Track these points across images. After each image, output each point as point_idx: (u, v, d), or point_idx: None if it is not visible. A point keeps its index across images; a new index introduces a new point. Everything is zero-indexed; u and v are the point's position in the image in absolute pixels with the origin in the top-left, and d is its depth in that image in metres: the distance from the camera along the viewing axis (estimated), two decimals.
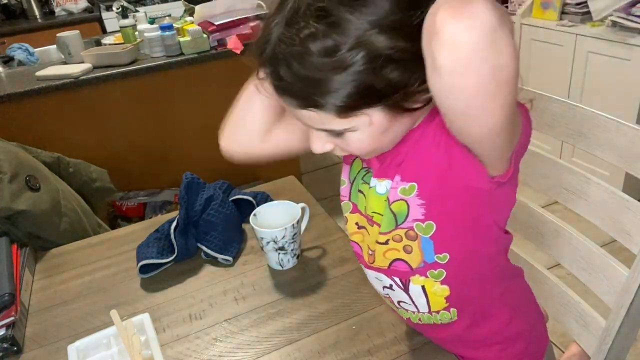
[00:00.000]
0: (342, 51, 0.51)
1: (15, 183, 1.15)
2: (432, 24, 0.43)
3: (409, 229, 0.66)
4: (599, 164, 2.05)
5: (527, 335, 0.79)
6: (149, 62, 1.93)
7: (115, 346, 0.81)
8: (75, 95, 1.89)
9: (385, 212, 0.67)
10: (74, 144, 1.93)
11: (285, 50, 0.54)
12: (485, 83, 0.45)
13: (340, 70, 0.52)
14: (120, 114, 2.00)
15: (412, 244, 0.67)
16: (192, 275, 1.00)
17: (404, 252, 0.68)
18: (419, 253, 0.67)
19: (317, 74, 0.53)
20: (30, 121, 1.88)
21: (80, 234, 1.28)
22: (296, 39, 0.53)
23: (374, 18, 0.51)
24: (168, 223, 1.04)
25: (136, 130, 2.03)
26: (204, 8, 2.03)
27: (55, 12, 3.34)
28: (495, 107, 0.48)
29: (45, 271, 1.07)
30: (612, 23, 2.05)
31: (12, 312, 0.88)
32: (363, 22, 0.51)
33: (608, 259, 0.80)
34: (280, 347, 0.81)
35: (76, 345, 0.80)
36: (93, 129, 1.98)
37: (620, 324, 0.79)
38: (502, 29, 0.42)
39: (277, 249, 0.94)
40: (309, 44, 0.52)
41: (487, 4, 0.42)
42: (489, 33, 0.42)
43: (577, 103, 0.81)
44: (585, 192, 0.82)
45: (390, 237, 0.68)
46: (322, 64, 0.52)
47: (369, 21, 0.51)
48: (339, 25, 0.51)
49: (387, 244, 0.69)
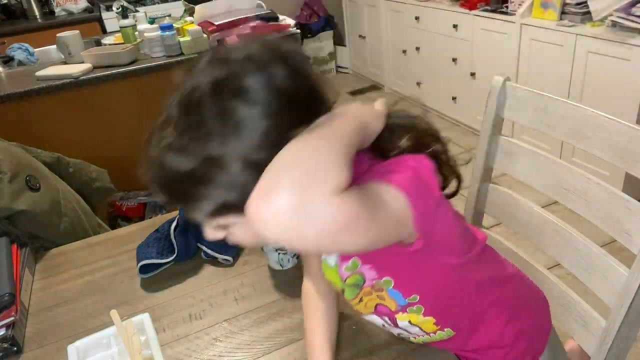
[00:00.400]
0: (199, 167, 0.51)
1: (15, 183, 1.15)
2: (247, 213, 0.46)
3: (372, 287, 0.69)
4: (599, 164, 2.05)
5: (528, 333, 0.79)
6: (149, 62, 1.93)
7: (115, 346, 0.81)
8: (75, 95, 1.89)
9: (345, 287, 0.71)
10: (74, 144, 1.93)
11: (151, 154, 0.54)
12: (317, 240, 0.46)
13: (198, 184, 0.52)
14: (120, 114, 2.00)
15: (381, 294, 0.70)
16: (192, 275, 1.00)
17: (378, 299, 0.71)
18: (391, 300, 0.70)
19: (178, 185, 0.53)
20: (30, 121, 1.87)
21: (80, 234, 1.28)
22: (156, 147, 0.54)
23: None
24: (168, 223, 1.04)
25: (136, 130, 2.00)
26: (204, 8, 2.03)
27: (55, 12, 3.34)
28: (345, 244, 0.49)
29: (45, 271, 1.07)
30: (612, 23, 2.05)
31: (12, 312, 0.88)
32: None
33: (608, 259, 0.80)
34: (280, 347, 0.81)
35: (76, 345, 0.80)
36: (93, 129, 1.98)
37: (620, 324, 0.79)
38: (309, 201, 0.44)
39: (277, 248, 0.94)
40: (166, 154, 0.52)
41: (286, 188, 0.44)
42: (292, 213, 0.43)
43: (577, 103, 0.81)
44: (585, 192, 0.82)
45: (360, 296, 0.72)
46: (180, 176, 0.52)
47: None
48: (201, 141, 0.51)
49: (362, 300, 0.72)
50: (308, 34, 4.24)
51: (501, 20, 2.54)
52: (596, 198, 0.80)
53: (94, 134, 1.98)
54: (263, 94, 0.51)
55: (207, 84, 0.52)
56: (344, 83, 4.38)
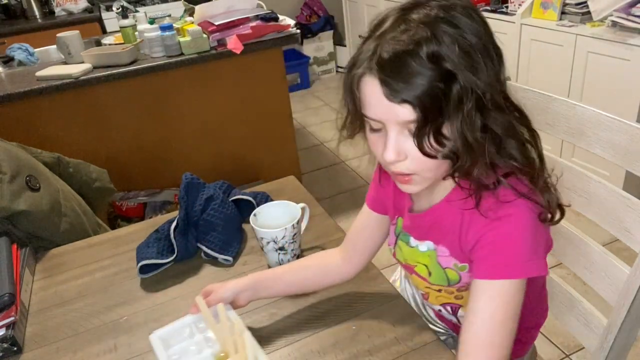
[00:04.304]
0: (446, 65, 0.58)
1: (15, 183, 1.14)
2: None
3: (460, 286, 0.77)
4: (599, 163, 2.05)
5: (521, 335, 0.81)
6: (149, 62, 1.93)
7: (197, 334, 0.79)
8: (75, 95, 1.89)
9: (436, 270, 0.77)
10: (74, 144, 1.93)
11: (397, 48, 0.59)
12: None
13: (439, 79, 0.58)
14: (120, 114, 2.00)
15: (463, 294, 0.79)
16: (192, 275, 1.00)
17: (454, 299, 0.81)
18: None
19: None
20: (30, 121, 1.87)
21: (80, 234, 1.28)
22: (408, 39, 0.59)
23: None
24: (168, 223, 1.04)
25: (136, 130, 2.03)
26: (204, 8, 2.03)
27: (55, 12, 3.34)
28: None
29: (45, 271, 1.07)
30: (612, 23, 2.05)
31: (12, 312, 0.88)
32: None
33: (609, 258, 0.80)
34: (280, 347, 0.81)
35: (157, 334, 0.78)
36: (93, 129, 1.98)
37: (622, 322, 0.79)
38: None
39: (277, 249, 0.94)
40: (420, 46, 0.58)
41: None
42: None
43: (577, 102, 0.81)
44: (585, 190, 0.82)
45: (443, 288, 0.79)
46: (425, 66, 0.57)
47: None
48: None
49: (440, 292, 0.80)
50: (308, 34, 4.24)
51: (501, 20, 2.54)
52: (596, 196, 0.80)
53: (94, 134, 1.98)
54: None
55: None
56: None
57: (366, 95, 0.62)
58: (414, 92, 0.57)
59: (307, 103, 4.02)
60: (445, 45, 0.58)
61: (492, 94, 0.60)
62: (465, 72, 0.58)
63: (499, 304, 0.64)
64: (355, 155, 2.98)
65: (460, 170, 0.64)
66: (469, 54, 0.59)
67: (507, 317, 0.64)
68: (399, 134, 0.62)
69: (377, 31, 0.62)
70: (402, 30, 0.59)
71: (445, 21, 0.59)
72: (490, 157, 0.62)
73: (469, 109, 0.58)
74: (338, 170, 2.92)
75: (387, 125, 0.62)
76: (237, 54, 1.96)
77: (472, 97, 0.58)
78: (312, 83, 4.43)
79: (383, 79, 0.59)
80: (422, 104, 0.58)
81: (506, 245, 0.65)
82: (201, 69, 2.01)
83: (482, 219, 0.66)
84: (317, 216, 1.11)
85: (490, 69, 0.61)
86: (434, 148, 0.61)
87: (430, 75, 0.57)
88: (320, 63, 4.47)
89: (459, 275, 0.75)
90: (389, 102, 0.59)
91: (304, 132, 3.48)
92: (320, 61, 4.46)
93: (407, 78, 0.58)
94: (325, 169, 2.96)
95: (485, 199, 0.65)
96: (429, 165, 0.63)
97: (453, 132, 0.60)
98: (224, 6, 2.04)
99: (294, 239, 0.95)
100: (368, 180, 2.79)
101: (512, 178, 0.65)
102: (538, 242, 0.66)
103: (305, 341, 0.81)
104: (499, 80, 0.62)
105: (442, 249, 0.75)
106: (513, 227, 0.65)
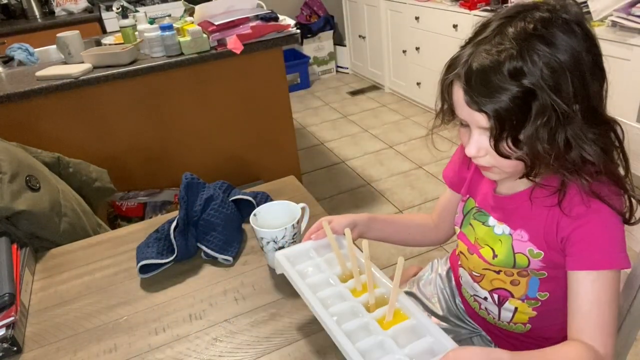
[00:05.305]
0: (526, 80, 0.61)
1: (15, 183, 1.14)
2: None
3: (523, 270, 0.79)
4: None
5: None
6: (149, 62, 1.93)
7: (317, 257, 0.83)
8: (75, 95, 1.89)
9: (506, 253, 0.79)
10: (74, 144, 1.93)
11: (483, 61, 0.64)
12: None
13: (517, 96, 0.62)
14: (120, 114, 2.00)
15: (521, 279, 0.80)
16: (192, 275, 1.00)
17: (510, 284, 0.82)
18: (525, 287, 0.80)
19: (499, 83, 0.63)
20: (30, 121, 1.87)
21: (80, 234, 1.28)
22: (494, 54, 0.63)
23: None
24: (168, 223, 1.04)
25: (136, 130, 2.03)
26: (204, 8, 2.03)
27: (55, 12, 3.34)
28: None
29: (45, 271, 1.07)
30: (612, 23, 2.05)
31: (12, 312, 0.88)
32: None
33: None
34: (280, 347, 0.81)
35: (283, 252, 0.83)
36: (93, 129, 1.98)
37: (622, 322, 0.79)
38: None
39: (277, 249, 0.94)
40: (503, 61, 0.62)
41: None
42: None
43: None
44: None
45: (504, 270, 0.81)
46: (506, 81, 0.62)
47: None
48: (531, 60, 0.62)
49: (499, 274, 0.82)
50: (308, 34, 4.25)
51: None
52: None
53: (94, 134, 1.98)
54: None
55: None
56: (343, 83, 4.39)
57: (454, 98, 0.70)
58: (492, 105, 0.63)
59: (307, 103, 4.03)
60: (531, 63, 0.61)
61: (575, 110, 0.63)
62: (546, 89, 0.61)
63: (601, 289, 0.69)
64: (355, 156, 2.98)
65: (532, 173, 0.69)
66: (555, 72, 0.62)
67: (612, 300, 0.69)
68: (480, 134, 0.69)
69: (478, 37, 0.67)
70: (495, 43, 0.63)
71: (539, 38, 0.62)
72: (565, 166, 0.66)
73: (544, 123, 0.62)
74: (338, 170, 2.92)
75: (470, 125, 0.70)
76: (237, 54, 1.96)
77: (552, 113, 0.62)
78: (312, 83, 4.43)
79: (466, 88, 0.66)
80: (498, 115, 0.63)
81: (600, 238, 0.69)
82: (201, 69, 2.01)
83: (571, 213, 0.70)
84: (317, 216, 1.11)
85: (579, 84, 0.63)
86: (511, 150, 0.66)
87: (509, 90, 0.61)
88: (320, 63, 4.47)
89: (528, 261, 0.77)
90: (469, 109, 0.66)
91: (304, 132, 3.48)
92: (320, 61, 4.46)
93: (486, 92, 0.63)
94: (325, 169, 2.96)
95: (571, 195, 0.70)
96: (507, 163, 0.69)
97: (526, 139, 0.65)
98: (224, 6, 2.05)
99: (294, 239, 0.95)
100: (368, 180, 2.81)
101: (595, 183, 0.69)
102: (623, 239, 0.70)
103: (305, 341, 0.81)
104: (588, 95, 0.64)
105: (521, 233, 0.77)
106: (602, 224, 0.69)
